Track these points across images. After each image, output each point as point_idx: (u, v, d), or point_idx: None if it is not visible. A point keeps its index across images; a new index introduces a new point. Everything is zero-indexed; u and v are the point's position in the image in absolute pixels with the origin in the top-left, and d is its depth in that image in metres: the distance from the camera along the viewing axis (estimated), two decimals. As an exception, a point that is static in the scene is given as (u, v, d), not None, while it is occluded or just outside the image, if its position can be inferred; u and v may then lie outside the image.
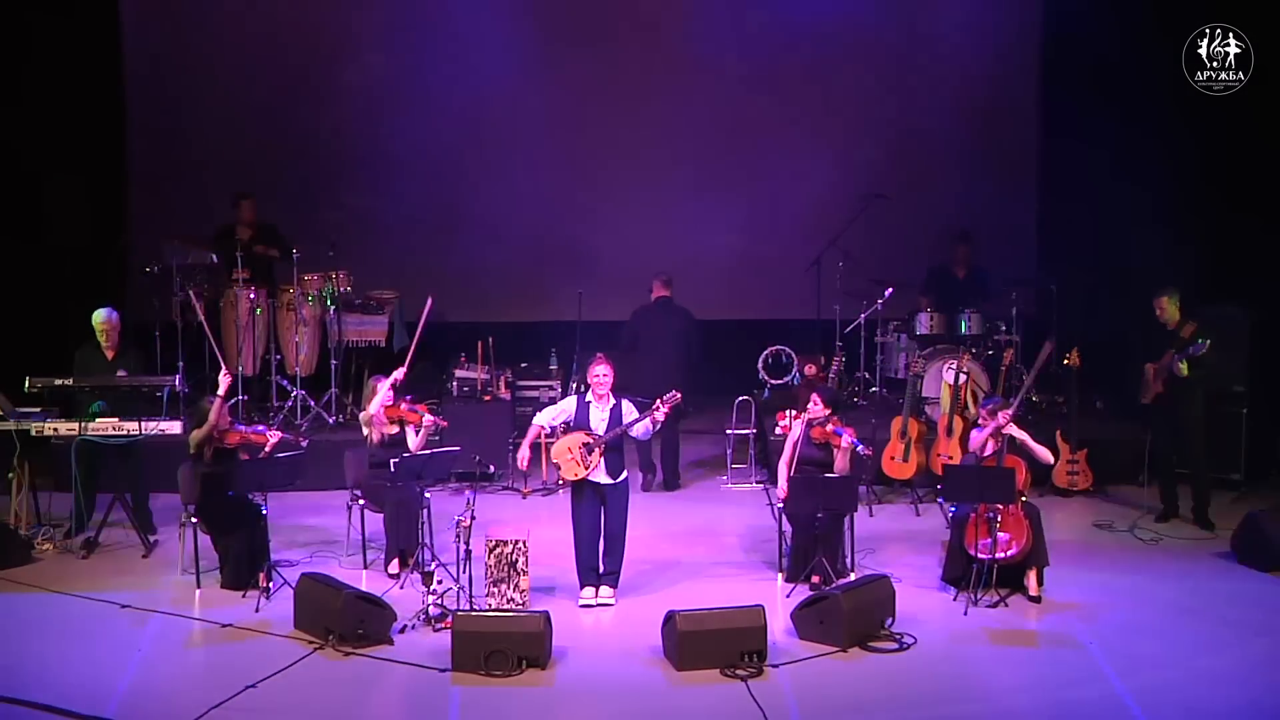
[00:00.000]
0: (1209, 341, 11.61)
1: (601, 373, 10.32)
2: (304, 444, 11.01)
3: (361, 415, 11.24)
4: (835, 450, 10.72)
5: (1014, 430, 10.63)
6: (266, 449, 10.71)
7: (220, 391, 10.71)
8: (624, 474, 10.34)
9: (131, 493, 11.52)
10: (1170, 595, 10.54)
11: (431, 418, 11.05)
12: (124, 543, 11.50)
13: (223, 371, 10.97)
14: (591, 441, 10.19)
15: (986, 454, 10.64)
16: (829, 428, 10.75)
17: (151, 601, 10.30)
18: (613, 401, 10.34)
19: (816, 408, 10.81)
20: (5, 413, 11.35)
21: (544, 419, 10.66)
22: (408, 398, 11.24)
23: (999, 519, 10.24)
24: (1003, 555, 10.24)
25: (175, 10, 15.08)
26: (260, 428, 11.08)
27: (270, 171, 14.85)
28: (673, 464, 13.17)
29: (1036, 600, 10.27)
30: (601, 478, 10.24)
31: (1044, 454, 10.77)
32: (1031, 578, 10.34)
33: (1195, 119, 13.70)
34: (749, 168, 15.32)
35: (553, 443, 10.56)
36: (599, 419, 10.28)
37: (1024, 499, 10.44)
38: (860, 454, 10.69)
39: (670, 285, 13.25)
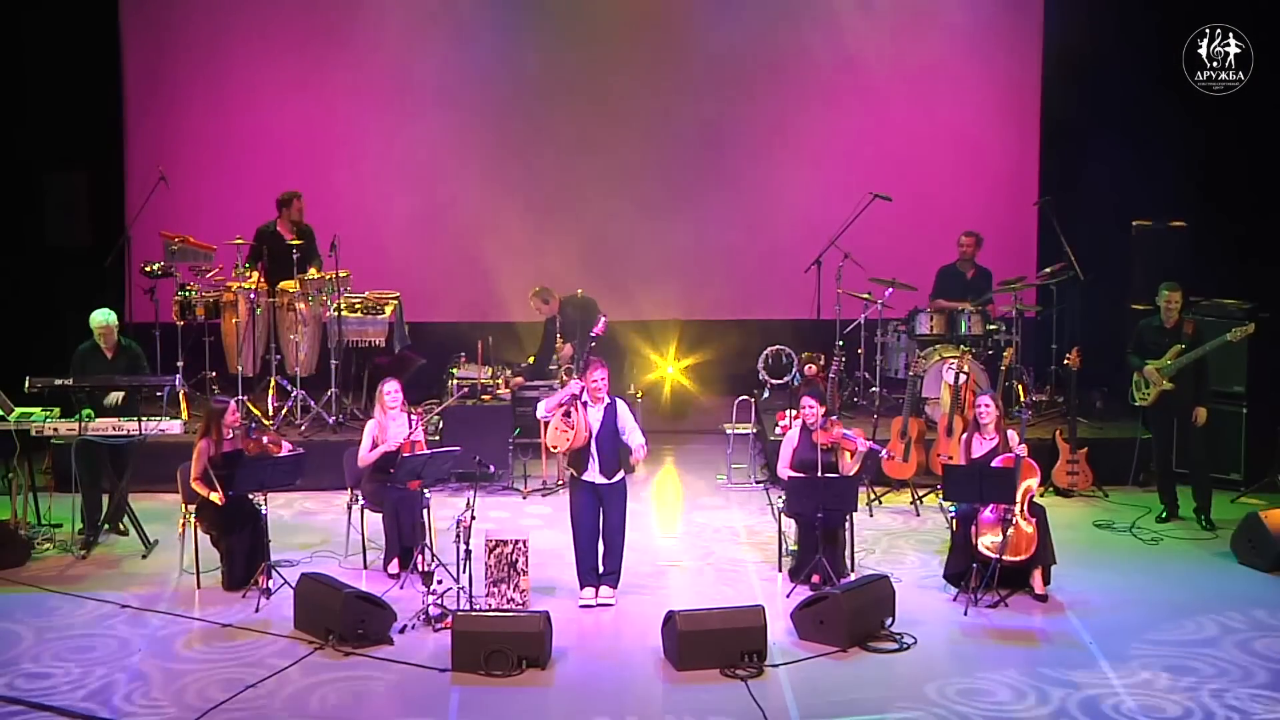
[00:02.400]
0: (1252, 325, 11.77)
1: (599, 378, 10.29)
2: (301, 452, 10.99)
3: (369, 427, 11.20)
4: (845, 454, 10.68)
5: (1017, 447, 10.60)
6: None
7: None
8: (620, 474, 10.34)
9: (113, 490, 11.51)
10: (1170, 595, 10.54)
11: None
12: (124, 543, 11.50)
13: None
14: (565, 404, 10.18)
15: (981, 454, 10.64)
16: (835, 432, 10.72)
17: (151, 601, 10.31)
18: (607, 401, 10.34)
19: (811, 411, 10.80)
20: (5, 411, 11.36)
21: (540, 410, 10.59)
22: (419, 413, 11.21)
23: (1011, 519, 10.23)
24: (1011, 557, 10.24)
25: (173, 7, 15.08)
26: (275, 437, 11.07)
27: (270, 170, 14.83)
28: None
29: (1043, 599, 10.29)
30: (597, 477, 10.24)
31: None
32: (1037, 577, 10.36)
33: (1195, 119, 13.70)
34: (749, 167, 15.28)
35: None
36: (594, 419, 10.26)
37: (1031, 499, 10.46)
38: (880, 456, 11.03)
39: None
